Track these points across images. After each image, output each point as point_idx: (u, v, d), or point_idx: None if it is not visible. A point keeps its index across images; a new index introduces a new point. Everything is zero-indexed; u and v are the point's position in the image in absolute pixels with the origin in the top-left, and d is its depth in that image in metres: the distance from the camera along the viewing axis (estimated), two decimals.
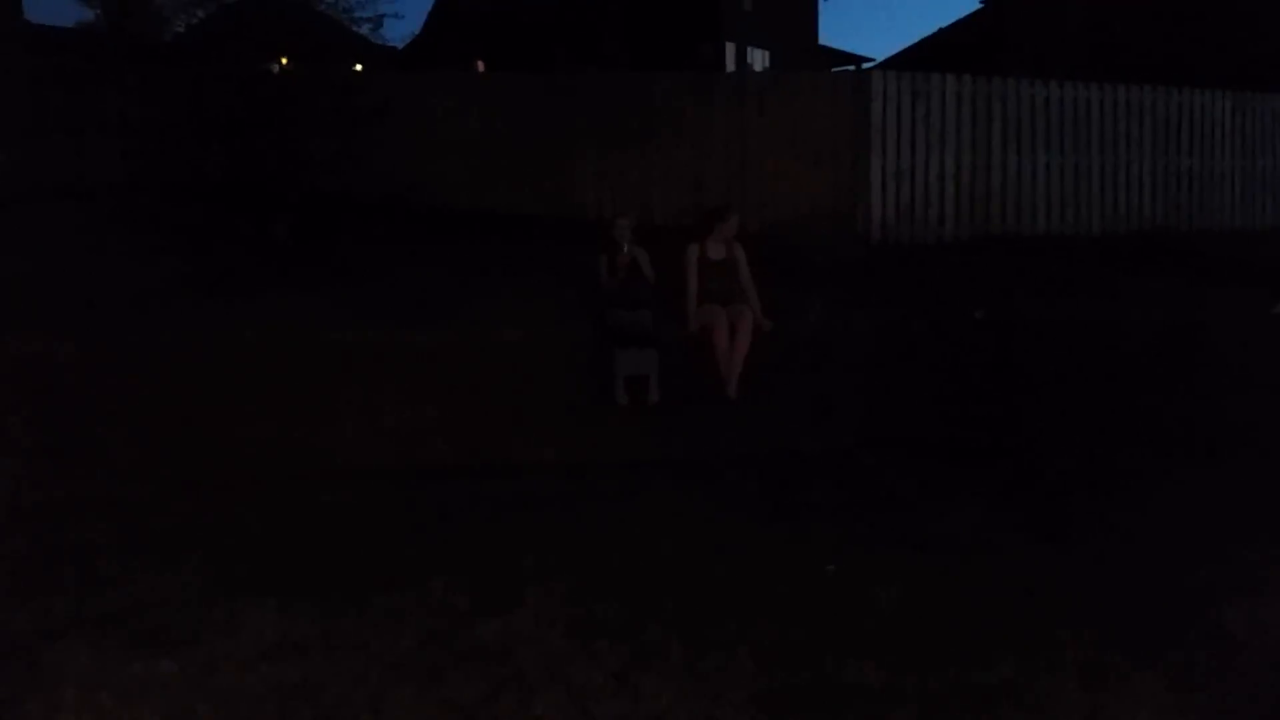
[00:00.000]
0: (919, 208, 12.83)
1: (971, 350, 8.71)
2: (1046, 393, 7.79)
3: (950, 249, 12.61)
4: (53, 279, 10.48)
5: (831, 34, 79.73)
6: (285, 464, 6.16)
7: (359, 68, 27.92)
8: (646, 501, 5.66)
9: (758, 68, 32.74)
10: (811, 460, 6.41)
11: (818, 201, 12.82)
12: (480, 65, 19.14)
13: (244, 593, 4.42)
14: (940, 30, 27.52)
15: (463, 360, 8.11)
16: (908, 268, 11.53)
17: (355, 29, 38.99)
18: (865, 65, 33.03)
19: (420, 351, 8.33)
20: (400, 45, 37.37)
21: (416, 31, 36.66)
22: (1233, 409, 7.41)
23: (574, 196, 14.54)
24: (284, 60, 28.50)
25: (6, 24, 21.30)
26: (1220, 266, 11.99)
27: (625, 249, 8.12)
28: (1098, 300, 10.26)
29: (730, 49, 32.47)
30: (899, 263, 11.77)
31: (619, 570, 4.74)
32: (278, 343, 8.43)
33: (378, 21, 33.87)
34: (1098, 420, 7.23)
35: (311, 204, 15.41)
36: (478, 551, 4.94)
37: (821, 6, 46.02)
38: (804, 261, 10.99)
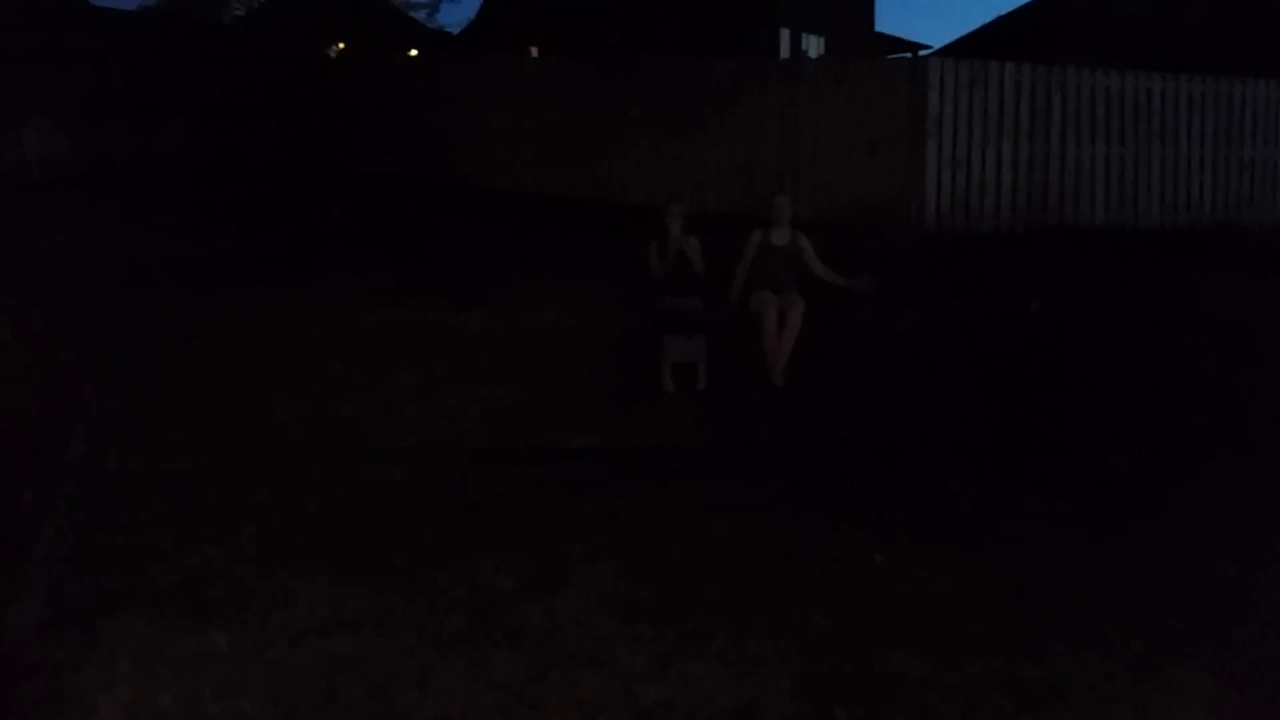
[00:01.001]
0: (975, 197, 12.69)
1: (1024, 343, 8.62)
2: (1098, 387, 7.69)
3: (1006, 240, 12.46)
4: (110, 255, 10.68)
5: (888, 21, 78.95)
6: (335, 442, 6.23)
7: (414, 52, 28.10)
8: (693, 488, 5.66)
9: (812, 54, 32.49)
10: (859, 451, 6.37)
11: (872, 190, 12.72)
12: (534, 50, 19.19)
13: (296, 568, 4.49)
14: (999, 18, 27.11)
15: (512, 343, 8.16)
16: (962, 258, 11.42)
17: (411, 14, 39.29)
18: (922, 53, 32.65)
19: (469, 334, 8.40)
20: (455, 31, 37.60)
21: (471, 17, 36.75)
22: None
23: (625, 182, 14.55)
24: (341, 44, 28.75)
25: (68, 6, 21.66)
26: None
27: (676, 235, 8.11)
28: (1154, 294, 10.10)
29: (785, 35, 32.19)
30: (953, 253, 11.66)
31: (664, 555, 4.75)
32: (329, 322, 8.54)
33: (434, 6, 34.06)
34: (1149, 415, 7.13)
35: (365, 185, 15.58)
36: (525, 533, 4.98)
37: None
38: (857, 251, 10.91)
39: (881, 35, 37.67)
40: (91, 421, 6.38)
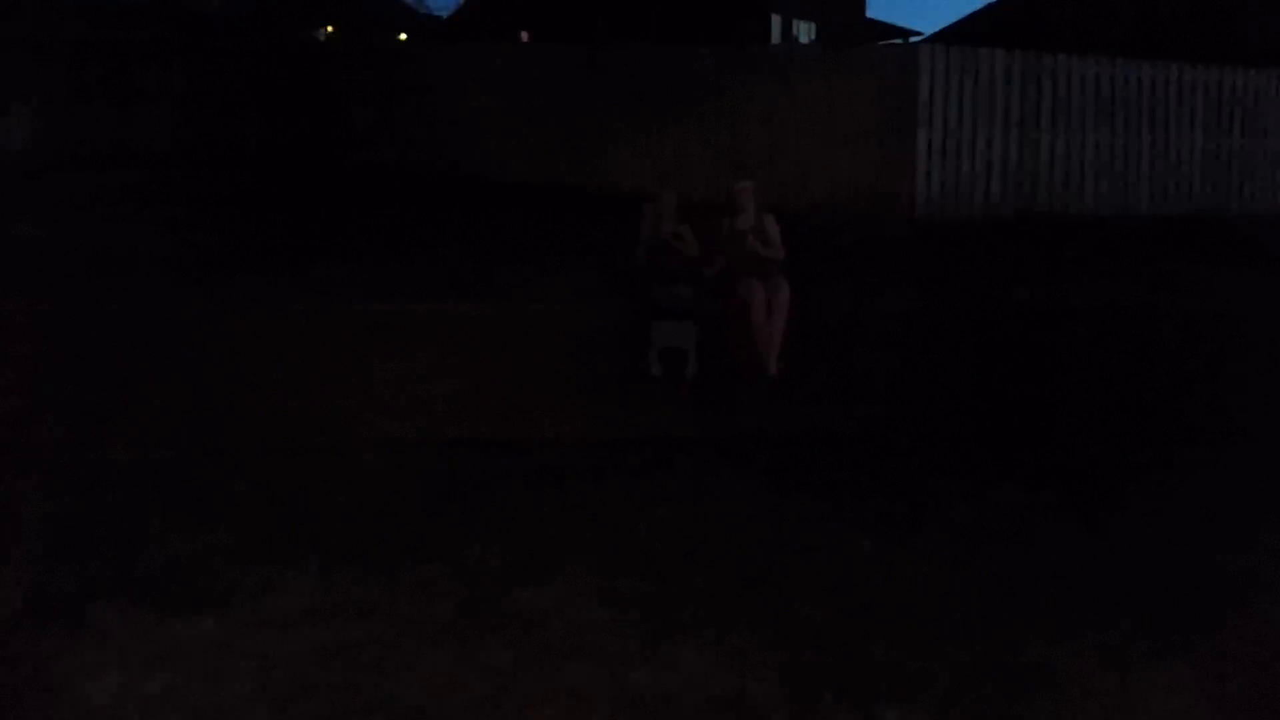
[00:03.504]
0: (964, 185, 12.70)
1: (1012, 334, 8.63)
2: (1086, 378, 7.71)
3: (995, 227, 12.48)
4: (92, 245, 10.63)
5: (879, 7, 78.64)
6: (320, 432, 6.21)
7: (403, 37, 27.98)
8: (680, 476, 5.66)
9: (803, 40, 32.46)
10: (847, 440, 6.37)
11: (862, 177, 12.72)
12: (524, 36, 19.10)
13: (280, 557, 4.48)
14: (990, 5, 27.09)
15: (498, 332, 8.14)
16: (951, 246, 11.43)
17: None
18: (913, 39, 32.61)
19: (455, 323, 8.38)
20: (444, 15, 37.42)
21: (461, 2, 36.56)
22: (1274, 398, 7.29)
23: (612, 170, 14.53)
24: (329, 29, 28.59)
25: None
26: (1269, 252, 11.79)
27: (665, 223, 8.09)
28: (1142, 285, 10.12)
29: (775, 21, 32.18)
30: (943, 241, 11.66)
31: (651, 544, 4.75)
32: (315, 313, 8.51)
33: None
34: (1137, 407, 7.14)
35: (354, 175, 15.52)
36: (511, 522, 4.97)
37: None
38: (847, 239, 10.91)
39: (873, 21, 37.67)
40: (70, 412, 6.35)
